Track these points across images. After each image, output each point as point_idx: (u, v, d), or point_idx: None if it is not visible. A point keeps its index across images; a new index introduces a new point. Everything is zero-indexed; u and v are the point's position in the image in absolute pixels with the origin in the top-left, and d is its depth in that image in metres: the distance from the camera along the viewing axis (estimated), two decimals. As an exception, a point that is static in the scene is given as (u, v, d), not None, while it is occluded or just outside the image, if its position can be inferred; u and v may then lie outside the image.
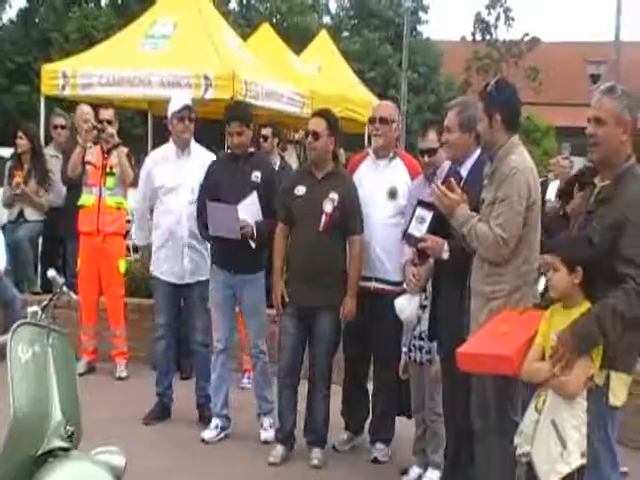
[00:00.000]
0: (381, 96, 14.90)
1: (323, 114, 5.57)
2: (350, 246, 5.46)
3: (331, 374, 5.55)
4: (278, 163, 7.59)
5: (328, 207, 5.39)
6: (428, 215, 4.64)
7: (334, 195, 5.40)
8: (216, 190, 5.73)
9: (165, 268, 6.12)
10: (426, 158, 5.23)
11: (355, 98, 13.48)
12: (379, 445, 5.67)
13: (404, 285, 5.17)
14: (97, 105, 7.88)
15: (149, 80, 9.53)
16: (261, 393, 5.95)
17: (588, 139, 3.75)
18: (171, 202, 6.06)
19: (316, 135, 5.43)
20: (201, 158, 6.13)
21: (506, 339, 3.81)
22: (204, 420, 6.05)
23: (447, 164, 5.02)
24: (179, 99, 6.21)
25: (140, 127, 17.41)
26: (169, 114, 6.09)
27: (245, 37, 13.78)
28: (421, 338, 5.06)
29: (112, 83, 9.71)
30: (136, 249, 9.04)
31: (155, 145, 7.49)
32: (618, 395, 3.65)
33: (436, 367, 4.93)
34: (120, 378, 7.25)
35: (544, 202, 9.98)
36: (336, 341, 5.56)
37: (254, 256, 5.73)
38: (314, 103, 11.15)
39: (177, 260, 6.07)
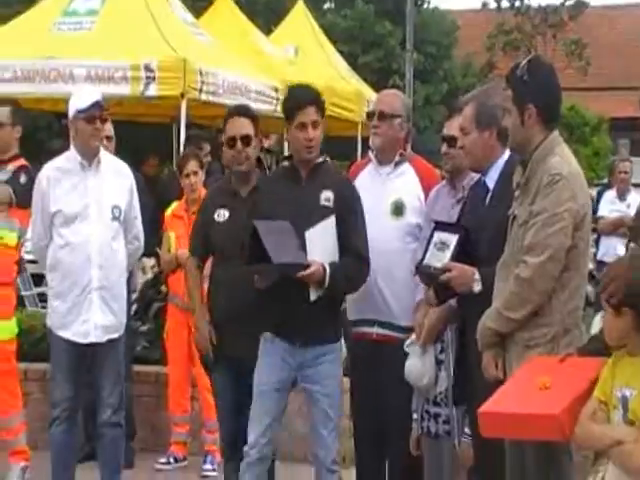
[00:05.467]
0: (378, 86, 14.93)
1: (244, 112, 5.70)
2: None
3: None
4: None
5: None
6: (452, 239, 4.65)
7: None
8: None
9: (66, 323, 5.86)
10: (444, 147, 5.28)
11: (343, 90, 13.56)
12: None
13: (413, 336, 5.18)
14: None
15: (70, 73, 9.52)
16: None
17: None
18: (75, 233, 5.82)
19: (247, 140, 5.52)
20: (115, 170, 6.01)
21: (548, 394, 3.77)
22: None
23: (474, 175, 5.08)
24: (84, 94, 6.12)
25: (59, 138, 17.27)
26: (70, 113, 5.92)
27: (199, 13, 13.86)
28: (436, 403, 5.06)
29: (18, 78, 9.68)
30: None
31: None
32: None
33: (460, 443, 4.92)
34: None
35: (595, 219, 10.03)
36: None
37: (330, 318, 5.27)
38: (290, 98, 11.19)
39: (81, 312, 5.81)
